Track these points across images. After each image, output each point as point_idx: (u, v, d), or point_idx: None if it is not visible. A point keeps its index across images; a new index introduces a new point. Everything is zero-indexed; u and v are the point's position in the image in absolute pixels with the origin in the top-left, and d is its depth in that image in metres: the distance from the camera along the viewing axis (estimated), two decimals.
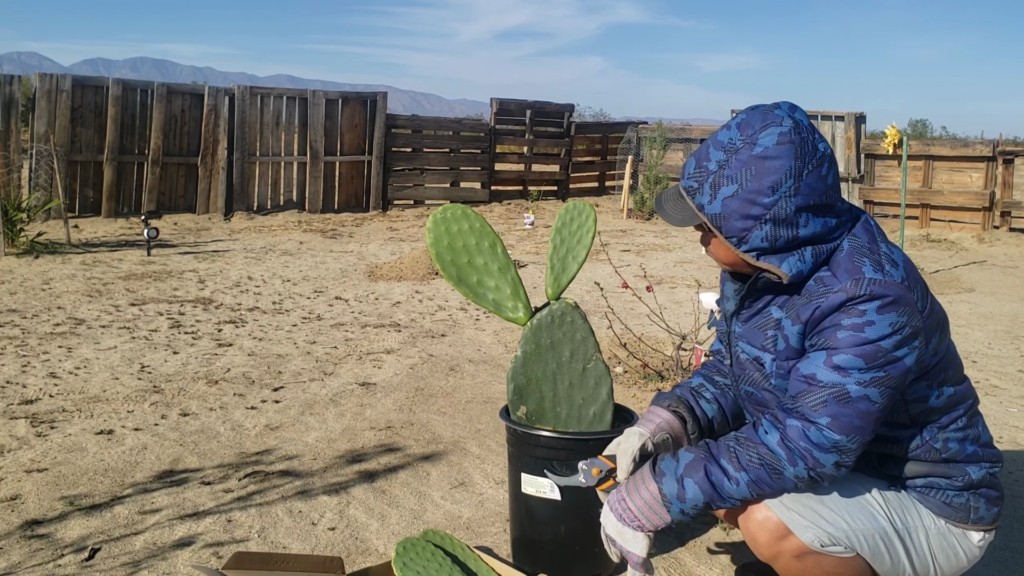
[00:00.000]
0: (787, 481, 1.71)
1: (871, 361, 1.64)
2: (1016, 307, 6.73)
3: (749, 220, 1.68)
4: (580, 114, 22.19)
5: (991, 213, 11.17)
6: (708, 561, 2.47)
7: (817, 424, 1.67)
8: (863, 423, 1.67)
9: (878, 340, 1.64)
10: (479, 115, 24.13)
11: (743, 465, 1.72)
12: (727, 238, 1.73)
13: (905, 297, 1.65)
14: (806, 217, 1.67)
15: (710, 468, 1.74)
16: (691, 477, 1.75)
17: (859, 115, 12.32)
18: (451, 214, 2.33)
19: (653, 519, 1.78)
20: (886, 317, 1.64)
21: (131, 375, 4.17)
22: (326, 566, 2.15)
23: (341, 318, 5.65)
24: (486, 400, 3.95)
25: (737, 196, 1.67)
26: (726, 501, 1.75)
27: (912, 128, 43.15)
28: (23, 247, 7.88)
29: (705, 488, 1.74)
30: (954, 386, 1.80)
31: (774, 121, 1.67)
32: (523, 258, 8.60)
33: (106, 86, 10.47)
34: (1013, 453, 3.40)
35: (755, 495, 1.74)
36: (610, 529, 1.83)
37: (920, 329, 1.68)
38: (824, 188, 1.67)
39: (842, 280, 1.67)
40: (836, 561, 1.74)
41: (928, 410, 1.78)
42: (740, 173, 1.66)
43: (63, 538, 2.47)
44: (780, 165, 1.64)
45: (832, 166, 1.70)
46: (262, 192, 11.61)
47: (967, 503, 1.80)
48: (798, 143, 1.65)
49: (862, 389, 1.65)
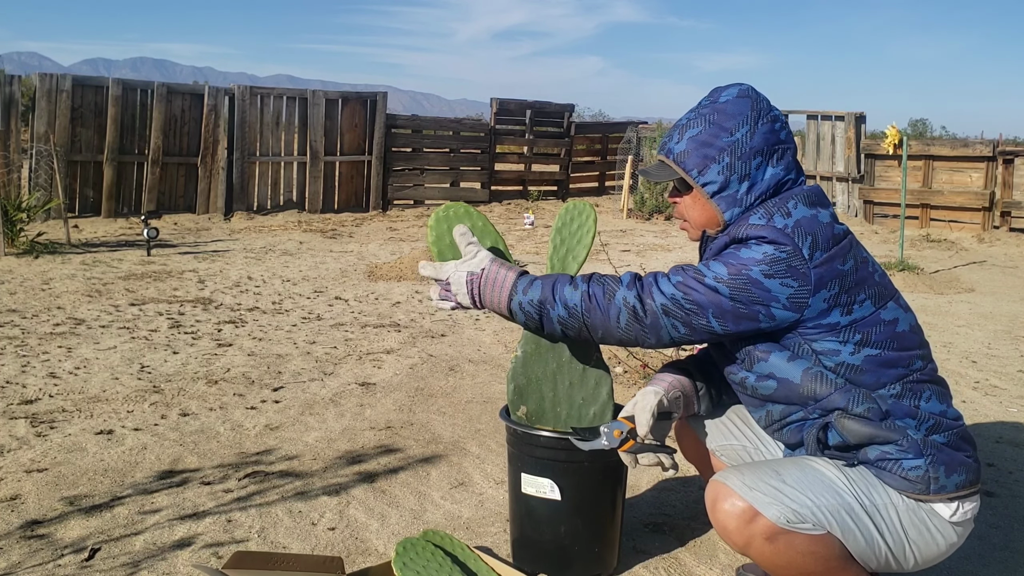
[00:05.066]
0: (614, 304, 1.86)
1: (735, 275, 1.80)
2: (1016, 307, 6.73)
3: (710, 151, 1.89)
4: (580, 114, 22.16)
5: (991, 213, 11.17)
6: (708, 561, 2.47)
7: (669, 277, 1.87)
8: (705, 300, 1.81)
9: (747, 262, 1.80)
10: (479, 115, 24.12)
11: (588, 280, 1.92)
12: (687, 172, 1.91)
13: (781, 238, 1.79)
14: (759, 161, 1.88)
15: (561, 278, 1.94)
16: (543, 281, 1.95)
17: (859, 115, 12.32)
18: (453, 212, 2.33)
19: (488, 301, 1.98)
20: (760, 247, 1.80)
21: (131, 375, 4.17)
22: (326, 566, 2.14)
23: (341, 318, 5.65)
24: (486, 400, 3.95)
25: (701, 134, 1.91)
26: (556, 305, 1.90)
27: (912, 128, 43.15)
28: (23, 247, 7.88)
29: (547, 289, 1.92)
30: (881, 349, 1.82)
31: (735, 85, 1.97)
32: (523, 258, 8.60)
33: (106, 86, 10.47)
34: (1013, 453, 3.40)
35: (584, 308, 1.88)
36: (455, 276, 2.02)
37: (799, 273, 1.78)
38: (776, 140, 1.90)
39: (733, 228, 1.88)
40: (807, 539, 1.74)
41: (845, 365, 1.82)
42: (703, 118, 1.92)
43: (63, 538, 2.47)
44: (738, 111, 1.90)
45: (785, 127, 1.93)
46: (262, 192, 11.61)
47: (925, 474, 1.79)
48: (754, 98, 1.92)
49: (716, 283, 1.81)
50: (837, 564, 1.77)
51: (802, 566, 1.76)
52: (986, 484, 2.93)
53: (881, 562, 1.82)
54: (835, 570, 1.78)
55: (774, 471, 1.82)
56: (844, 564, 1.78)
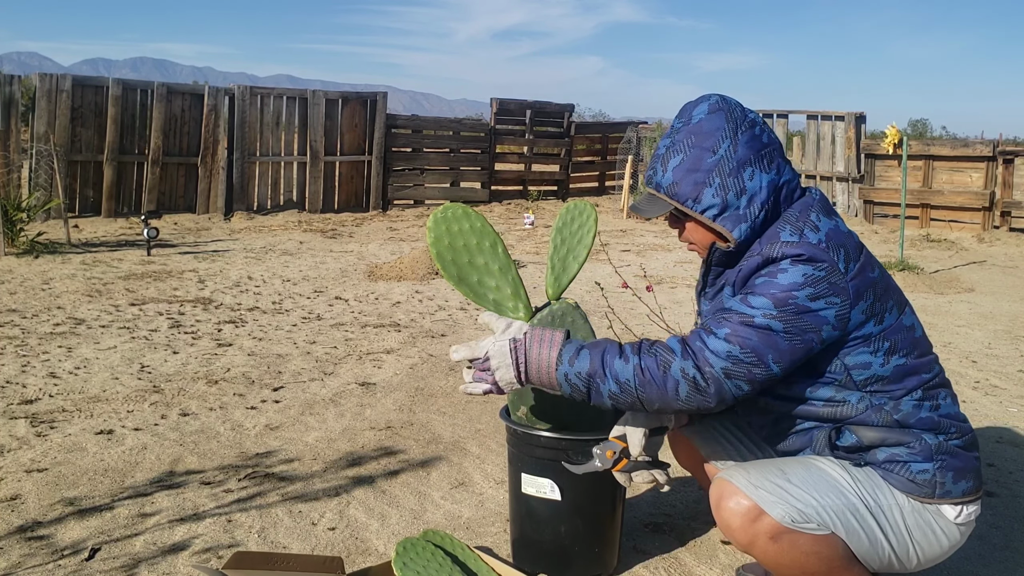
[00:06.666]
0: (671, 377, 1.75)
1: (781, 305, 1.73)
2: (1016, 307, 6.73)
3: (699, 177, 1.83)
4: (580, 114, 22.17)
5: (991, 213, 11.17)
6: (708, 561, 2.46)
7: (717, 334, 1.76)
8: (761, 346, 1.72)
9: (789, 288, 1.73)
10: (479, 115, 24.13)
11: (639, 351, 1.81)
12: (683, 203, 1.86)
13: (819, 255, 1.74)
14: (751, 172, 1.83)
15: (610, 347, 1.84)
16: (590, 350, 1.84)
17: (859, 115, 12.31)
18: (452, 213, 2.33)
19: (533, 368, 1.86)
20: (799, 268, 1.74)
21: (131, 375, 4.17)
22: (326, 566, 2.14)
23: (341, 318, 5.65)
24: (486, 400, 3.95)
25: (683, 163, 1.85)
26: (607, 380, 1.79)
27: (912, 128, 43.16)
28: (23, 247, 7.88)
29: (595, 361, 1.81)
30: (906, 357, 1.81)
31: (703, 99, 1.91)
32: (523, 258, 8.60)
33: (106, 86, 10.47)
34: (1013, 453, 3.40)
35: (638, 382, 1.77)
36: (495, 348, 1.90)
37: (840, 288, 1.74)
38: (760, 145, 1.84)
39: (762, 246, 1.81)
40: (811, 539, 1.74)
41: (875, 378, 1.80)
42: (682, 144, 1.86)
43: (63, 538, 2.47)
44: (714, 127, 1.84)
45: (764, 129, 1.87)
46: (262, 192, 11.61)
47: (932, 478, 1.79)
48: (727, 109, 1.86)
49: (767, 320, 1.73)
50: (840, 564, 1.77)
51: (805, 565, 1.76)
52: (986, 484, 2.92)
53: (884, 562, 1.82)
54: (838, 570, 1.77)
55: (780, 470, 1.82)
56: (847, 564, 1.78)
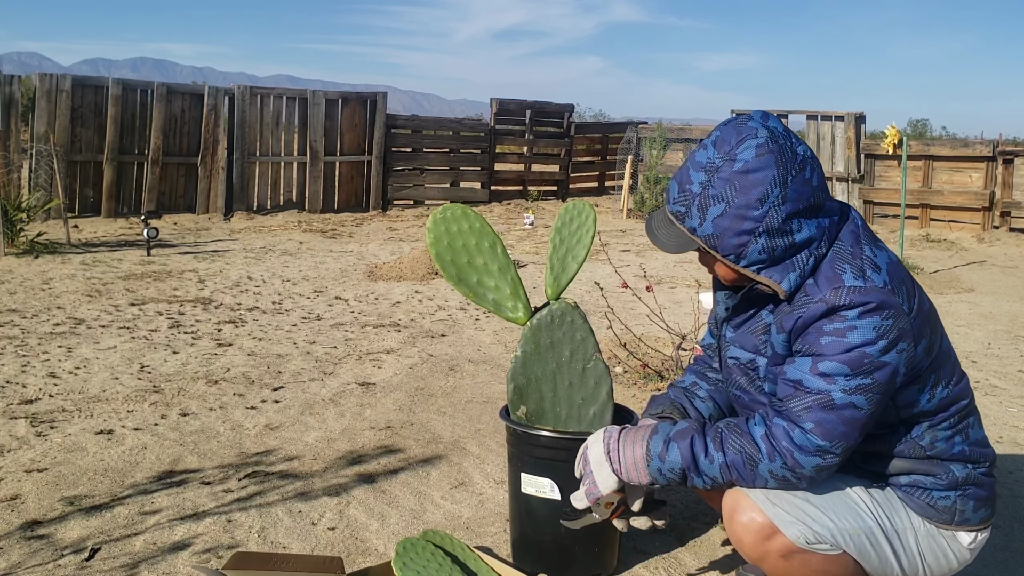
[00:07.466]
0: (759, 474, 1.72)
1: (856, 367, 1.63)
2: (1016, 307, 6.73)
3: (743, 236, 1.68)
4: (580, 114, 22.18)
5: (991, 213, 11.17)
6: (708, 561, 2.46)
7: (802, 427, 1.67)
8: (848, 428, 1.66)
9: (862, 345, 1.63)
10: (479, 115, 24.12)
11: (723, 447, 1.74)
12: (724, 256, 1.73)
13: (888, 301, 1.64)
14: (798, 223, 1.68)
15: (696, 439, 1.77)
16: (677, 442, 1.78)
17: (859, 115, 12.31)
18: (451, 214, 2.33)
19: (632, 472, 1.83)
20: (869, 321, 1.63)
21: (131, 375, 4.17)
22: (326, 566, 2.14)
23: (341, 318, 5.65)
24: (486, 400, 3.95)
25: (726, 214, 1.67)
26: (700, 476, 1.77)
27: (912, 128, 43.14)
28: (23, 247, 7.88)
29: (686, 455, 1.76)
30: (947, 387, 1.78)
31: (749, 134, 1.67)
32: (523, 258, 8.60)
33: (106, 86, 10.47)
34: (1013, 453, 3.40)
35: (725, 479, 1.75)
36: (592, 455, 1.88)
37: (907, 331, 1.66)
38: (811, 191, 1.68)
39: (823, 289, 1.67)
40: (823, 559, 1.73)
41: (919, 413, 1.78)
42: (725, 191, 1.66)
43: (63, 538, 2.47)
44: (763, 176, 1.64)
45: (815, 167, 1.70)
46: (262, 192, 11.61)
47: (952, 505, 1.78)
48: (776, 152, 1.65)
49: (847, 396, 1.64)
50: None
51: None
52: None
53: None
54: None
55: None
56: None
